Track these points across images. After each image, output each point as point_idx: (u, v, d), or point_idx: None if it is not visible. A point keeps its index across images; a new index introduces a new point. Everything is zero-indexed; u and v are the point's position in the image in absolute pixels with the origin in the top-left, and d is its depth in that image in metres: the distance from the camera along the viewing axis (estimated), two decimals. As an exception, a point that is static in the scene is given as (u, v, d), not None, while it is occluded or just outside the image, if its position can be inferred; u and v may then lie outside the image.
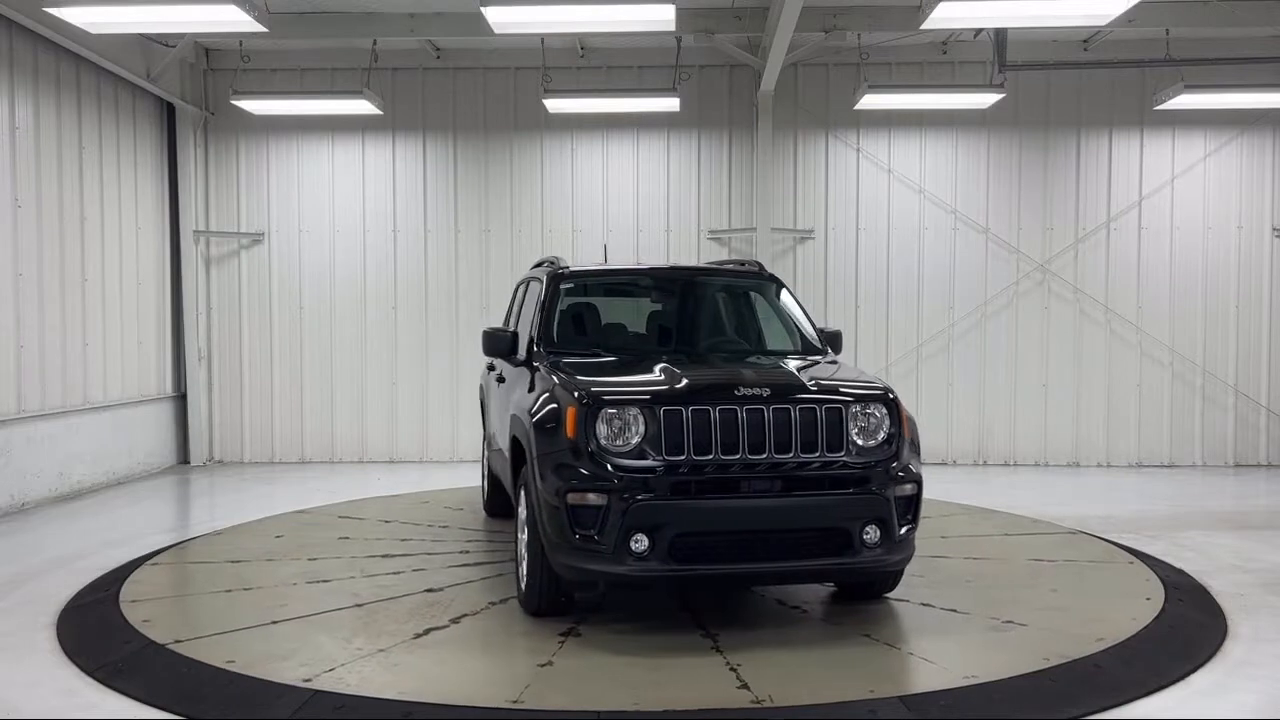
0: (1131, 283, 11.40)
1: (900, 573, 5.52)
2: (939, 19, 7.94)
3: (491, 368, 7.73)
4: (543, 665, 4.68)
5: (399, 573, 6.27)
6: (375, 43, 10.83)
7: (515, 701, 4.23)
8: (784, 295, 6.77)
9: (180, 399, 11.58)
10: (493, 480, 7.80)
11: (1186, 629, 5.28)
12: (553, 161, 11.56)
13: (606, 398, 4.95)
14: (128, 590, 5.88)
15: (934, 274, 11.44)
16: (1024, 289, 11.42)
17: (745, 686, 4.41)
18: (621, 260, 10.56)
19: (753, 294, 6.86)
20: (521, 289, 7.45)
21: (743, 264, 7.44)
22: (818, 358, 6.16)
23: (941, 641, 5.06)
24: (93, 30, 8.31)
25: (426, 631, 5.11)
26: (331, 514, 8.25)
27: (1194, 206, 11.38)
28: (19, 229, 8.91)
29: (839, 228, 11.46)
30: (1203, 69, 10.45)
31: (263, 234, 11.67)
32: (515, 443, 5.66)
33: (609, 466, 4.82)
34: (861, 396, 5.12)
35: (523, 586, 5.43)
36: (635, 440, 4.87)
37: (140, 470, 10.76)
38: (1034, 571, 6.52)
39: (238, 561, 6.57)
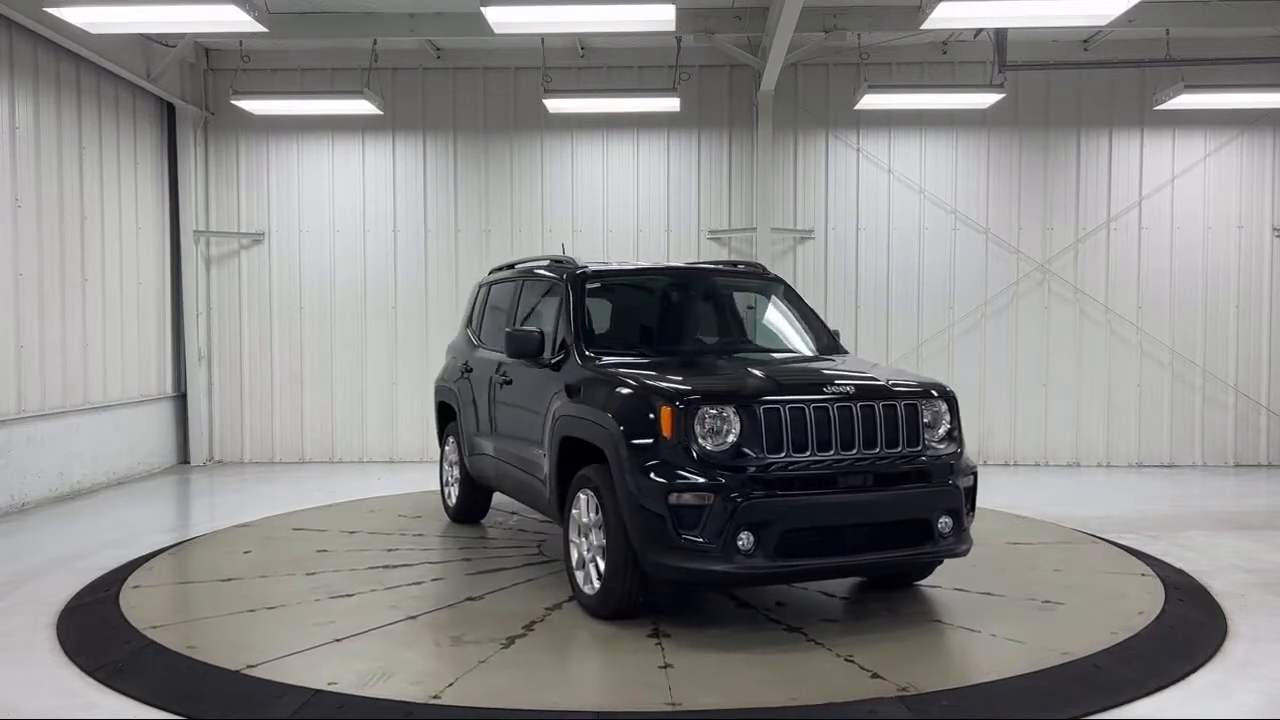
0: (1131, 283, 11.41)
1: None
2: (939, 19, 7.94)
3: (469, 370, 7.51)
4: (663, 667, 4.63)
5: (419, 583, 6.12)
6: (375, 43, 10.84)
7: (674, 704, 4.19)
8: (795, 296, 6.93)
9: (180, 399, 11.58)
10: (470, 486, 7.64)
11: (1186, 629, 5.28)
12: (553, 161, 11.56)
13: (704, 398, 4.96)
14: (142, 617, 5.41)
15: (934, 274, 11.44)
16: (1024, 289, 11.42)
17: (878, 676, 4.48)
18: (627, 260, 10.58)
19: (767, 294, 6.93)
20: (512, 288, 7.23)
21: (736, 264, 7.46)
22: (844, 356, 6.40)
23: (1009, 623, 5.28)
24: (93, 30, 8.31)
25: (511, 641, 4.98)
26: (284, 525, 7.82)
27: (1194, 206, 11.38)
28: (19, 229, 8.91)
29: (839, 228, 11.46)
30: (1203, 69, 10.45)
31: (263, 234, 11.67)
32: (571, 444, 5.59)
33: (712, 466, 4.84)
34: (927, 393, 5.33)
35: (588, 590, 5.40)
36: (731, 439, 4.90)
37: (140, 470, 10.76)
38: (1025, 555, 6.77)
39: (230, 579, 6.18)
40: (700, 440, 4.88)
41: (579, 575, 5.52)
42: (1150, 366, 11.40)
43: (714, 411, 4.92)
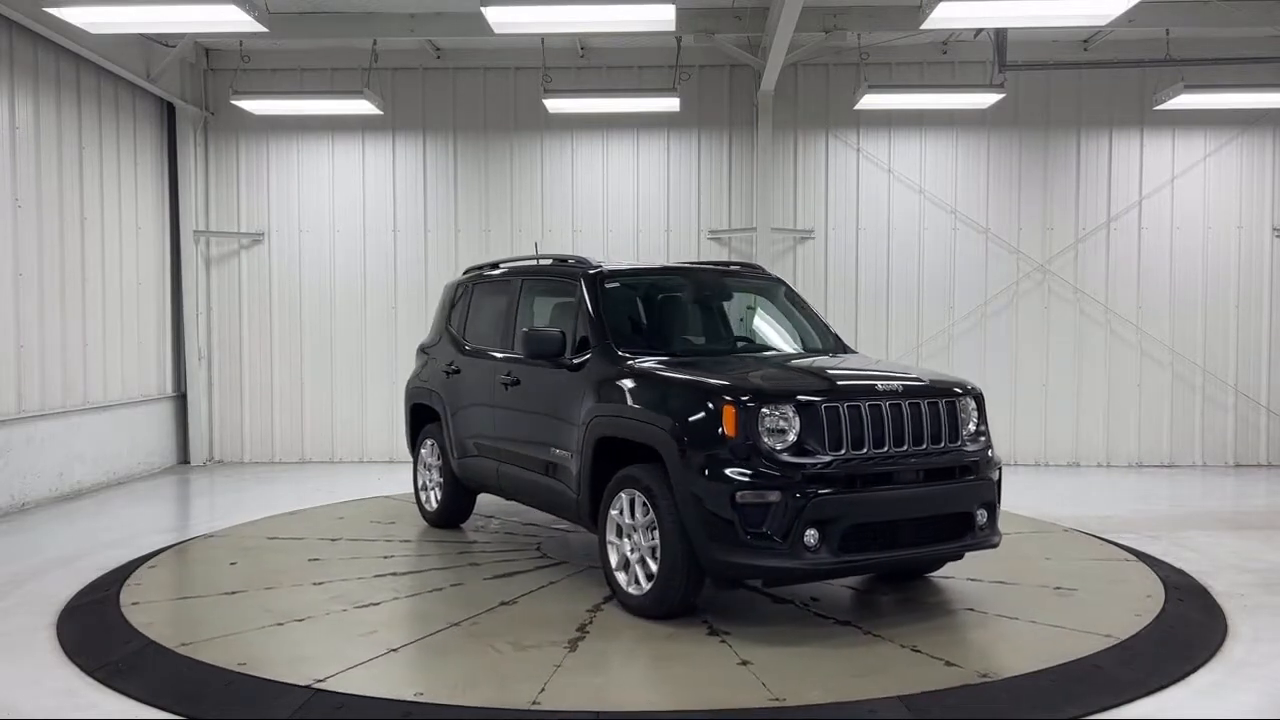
0: (1131, 283, 11.41)
1: None
2: (939, 19, 7.94)
3: (456, 371, 7.36)
4: (742, 664, 4.65)
5: (439, 589, 5.96)
6: (375, 43, 10.84)
7: (777, 700, 4.22)
8: (796, 297, 7.00)
9: (180, 399, 11.58)
10: (457, 489, 7.48)
11: (1186, 629, 5.29)
12: (553, 161, 11.56)
13: (766, 397, 5.02)
14: (168, 635, 5.13)
15: (934, 274, 11.44)
16: (1024, 289, 11.42)
17: (952, 664, 4.64)
18: (623, 260, 10.58)
19: (770, 295, 6.97)
20: (508, 288, 7.08)
21: (729, 264, 7.47)
22: (852, 354, 6.59)
23: (1042, 610, 5.51)
24: (93, 30, 8.31)
25: (574, 644, 4.94)
26: (257, 534, 7.51)
27: (1194, 206, 11.38)
28: (19, 229, 8.91)
29: (839, 228, 11.46)
30: (1203, 69, 10.45)
31: (263, 234, 11.67)
32: (608, 445, 5.58)
33: (775, 464, 4.88)
34: (959, 391, 5.52)
35: (633, 590, 5.38)
36: (792, 437, 4.96)
37: (140, 470, 10.76)
38: (1025, 550, 6.89)
39: (235, 592, 5.90)
40: (764, 439, 4.92)
41: (620, 577, 5.49)
42: (1150, 366, 11.40)
43: (776, 410, 4.97)
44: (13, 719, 4.22)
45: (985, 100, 10.57)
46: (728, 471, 4.88)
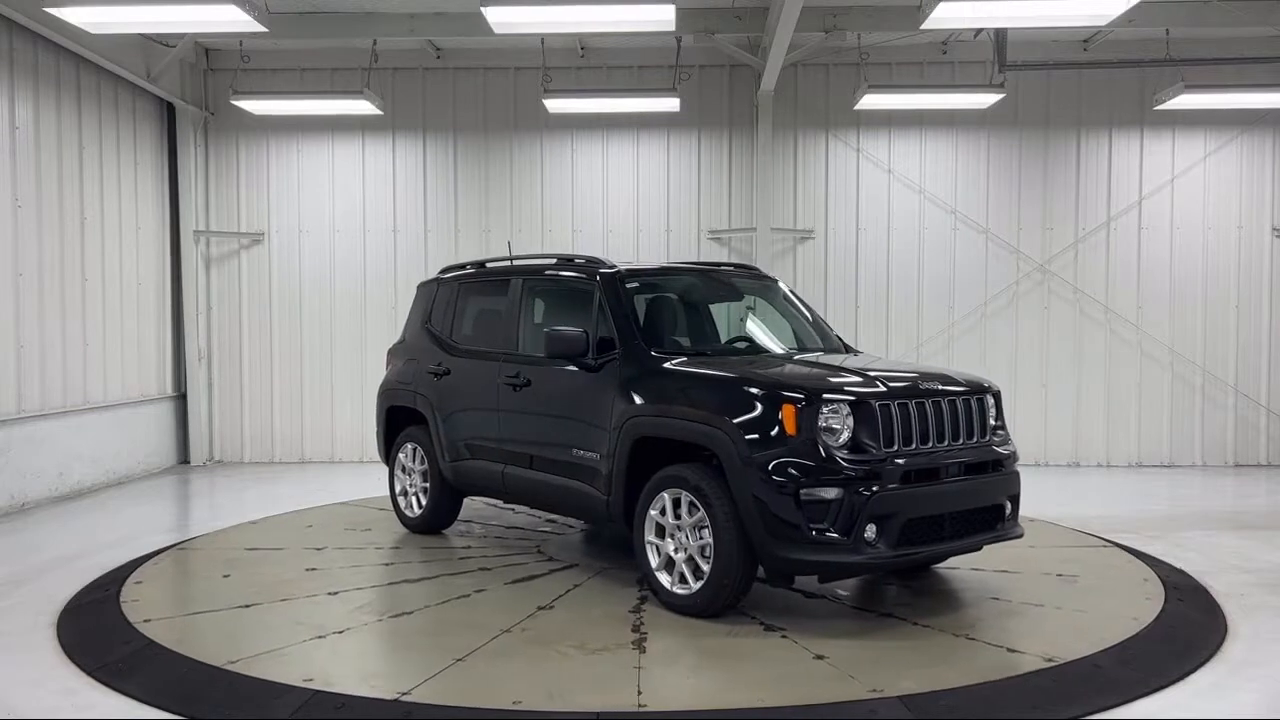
0: (1131, 283, 11.41)
1: None
2: (939, 19, 7.94)
3: (447, 372, 7.17)
4: (818, 659, 4.69)
5: (466, 596, 5.80)
6: (375, 43, 10.84)
7: (876, 691, 4.28)
8: (795, 298, 7.05)
9: (180, 399, 11.58)
10: (446, 494, 7.32)
11: (1186, 629, 5.28)
12: (553, 161, 11.56)
13: (823, 395, 5.09)
14: (213, 653, 4.84)
15: (934, 274, 11.44)
16: (1024, 289, 11.42)
17: (1015, 650, 4.83)
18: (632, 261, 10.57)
19: (770, 296, 6.99)
20: (507, 288, 6.95)
21: (720, 265, 7.49)
22: (857, 354, 6.77)
23: (1056, 598, 5.72)
24: (93, 30, 8.31)
25: (639, 644, 4.91)
26: (235, 544, 7.17)
27: (1194, 206, 11.38)
28: (19, 229, 8.91)
29: (839, 228, 11.46)
30: (1203, 69, 10.46)
31: (263, 234, 11.67)
32: (647, 445, 5.58)
33: (835, 461, 4.96)
34: (983, 389, 5.72)
35: (679, 590, 5.38)
36: (847, 435, 5.05)
37: (140, 470, 10.76)
38: (1023, 546, 6.90)
39: (250, 605, 5.63)
40: (822, 436, 5.00)
41: (664, 577, 5.48)
42: (1150, 366, 11.40)
43: (832, 409, 5.06)
44: (13, 719, 4.22)
45: (985, 100, 10.57)
46: (792, 470, 4.95)
